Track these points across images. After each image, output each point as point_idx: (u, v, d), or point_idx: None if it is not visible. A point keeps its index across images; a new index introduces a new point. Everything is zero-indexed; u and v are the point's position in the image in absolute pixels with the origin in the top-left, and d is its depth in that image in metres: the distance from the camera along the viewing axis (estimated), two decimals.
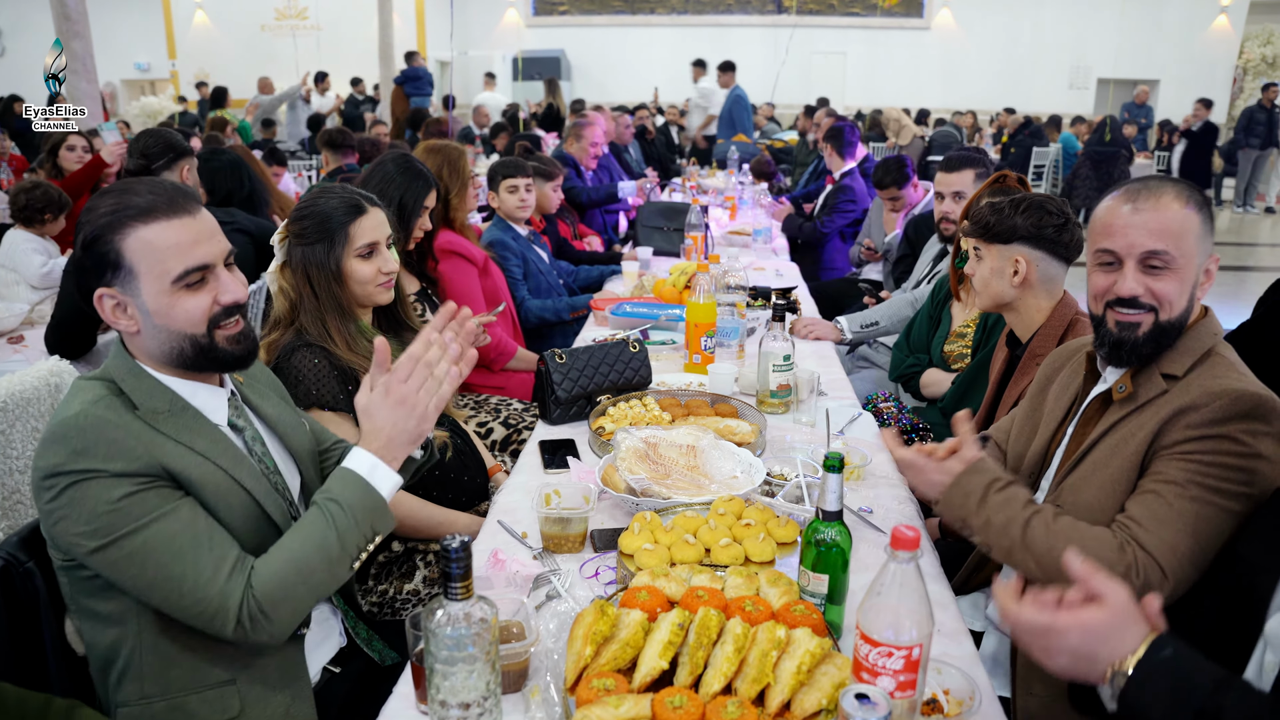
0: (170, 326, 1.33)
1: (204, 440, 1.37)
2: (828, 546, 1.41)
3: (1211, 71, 16.16)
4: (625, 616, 1.30)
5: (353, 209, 1.95)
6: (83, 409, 1.28)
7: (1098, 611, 1.09)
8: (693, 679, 1.22)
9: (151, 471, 1.27)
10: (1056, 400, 1.73)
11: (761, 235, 5.04)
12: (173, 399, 1.37)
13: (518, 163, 3.84)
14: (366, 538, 1.37)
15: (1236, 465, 1.36)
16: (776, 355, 2.39)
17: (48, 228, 3.75)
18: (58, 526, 1.26)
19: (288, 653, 1.47)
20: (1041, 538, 1.42)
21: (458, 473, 2.15)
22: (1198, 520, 1.36)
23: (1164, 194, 1.46)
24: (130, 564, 1.25)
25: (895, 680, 1.13)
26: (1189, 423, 1.41)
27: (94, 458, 1.24)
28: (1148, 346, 1.49)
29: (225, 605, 1.26)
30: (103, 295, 1.32)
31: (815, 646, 1.23)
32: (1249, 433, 1.37)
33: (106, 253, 1.30)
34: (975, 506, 1.49)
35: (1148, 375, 1.51)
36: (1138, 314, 1.48)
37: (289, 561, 1.31)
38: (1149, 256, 1.46)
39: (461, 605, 1.11)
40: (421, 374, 1.39)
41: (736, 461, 1.94)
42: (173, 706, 1.37)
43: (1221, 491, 1.36)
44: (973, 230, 2.27)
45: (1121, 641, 1.08)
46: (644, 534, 1.59)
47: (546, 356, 2.37)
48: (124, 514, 1.24)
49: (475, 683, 1.13)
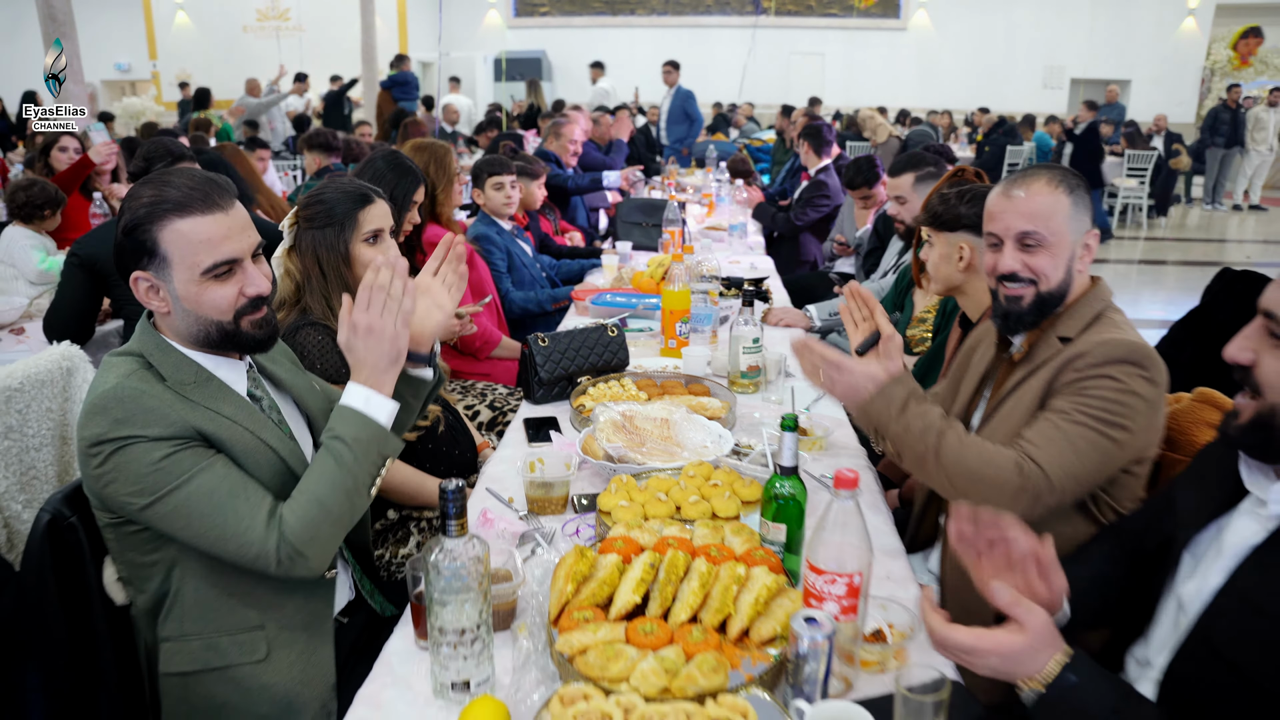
0: (198, 312, 1.46)
1: (229, 406, 1.50)
2: (785, 499, 1.57)
3: (1180, 72, 16.48)
4: (603, 559, 1.45)
5: (361, 198, 2.10)
6: (119, 382, 1.41)
7: (1016, 637, 1.20)
8: (662, 611, 1.38)
9: (186, 434, 1.41)
10: (975, 367, 1.94)
11: (737, 230, 5.21)
12: (198, 371, 1.50)
13: (503, 160, 3.99)
14: (376, 465, 1.50)
15: (1114, 399, 1.57)
16: (746, 338, 2.55)
17: (45, 224, 3.86)
18: (108, 489, 1.40)
19: (314, 602, 1.60)
20: (953, 448, 1.60)
21: (449, 446, 2.30)
22: (1081, 441, 1.56)
23: (1035, 181, 1.69)
24: (177, 516, 1.39)
25: (839, 605, 1.29)
26: (1076, 366, 1.63)
27: (133, 425, 1.37)
28: (1031, 315, 1.72)
29: (265, 549, 1.40)
30: (138, 278, 1.45)
31: (771, 582, 1.39)
32: (1126, 374, 1.58)
33: (144, 240, 1.42)
34: (896, 414, 1.67)
35: (1046, 339, 1.73)
36: (1020, 288, 1.71)
37: (311, 503, 1.44)
38: (1023, 236, 1.69)
39: (457, 542, 1.26)
40: (379, 299, 1.51)
41: (707, 433, 2.10)
42: (207, 645, 1.51)
43: (1101, 420, 1.57)
44: (924, 219, 2.45)
45: (1034, 663, 1.20)
46: (620, 493, 1.74)
47: (530, 340, 2.52)
48: (166, 473, 1.38)
49: (469, 611, 1.28)
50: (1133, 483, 1.68)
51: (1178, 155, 13.17)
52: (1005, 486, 1.57)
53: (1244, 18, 16.41)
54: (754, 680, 1.27)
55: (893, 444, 1.71)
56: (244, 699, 1.53)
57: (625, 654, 1.27)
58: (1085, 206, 1.72)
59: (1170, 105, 15.41)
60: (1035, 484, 1.55)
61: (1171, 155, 13.09)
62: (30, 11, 14.62)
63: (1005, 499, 1.57)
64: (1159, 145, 13.10)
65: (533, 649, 1.37)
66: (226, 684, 1.52)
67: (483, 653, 1.32)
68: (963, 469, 1.61)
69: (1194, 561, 1.33)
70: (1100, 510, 1.70)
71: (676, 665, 1.25)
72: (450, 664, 1.30)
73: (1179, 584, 1.35)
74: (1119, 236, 11.58)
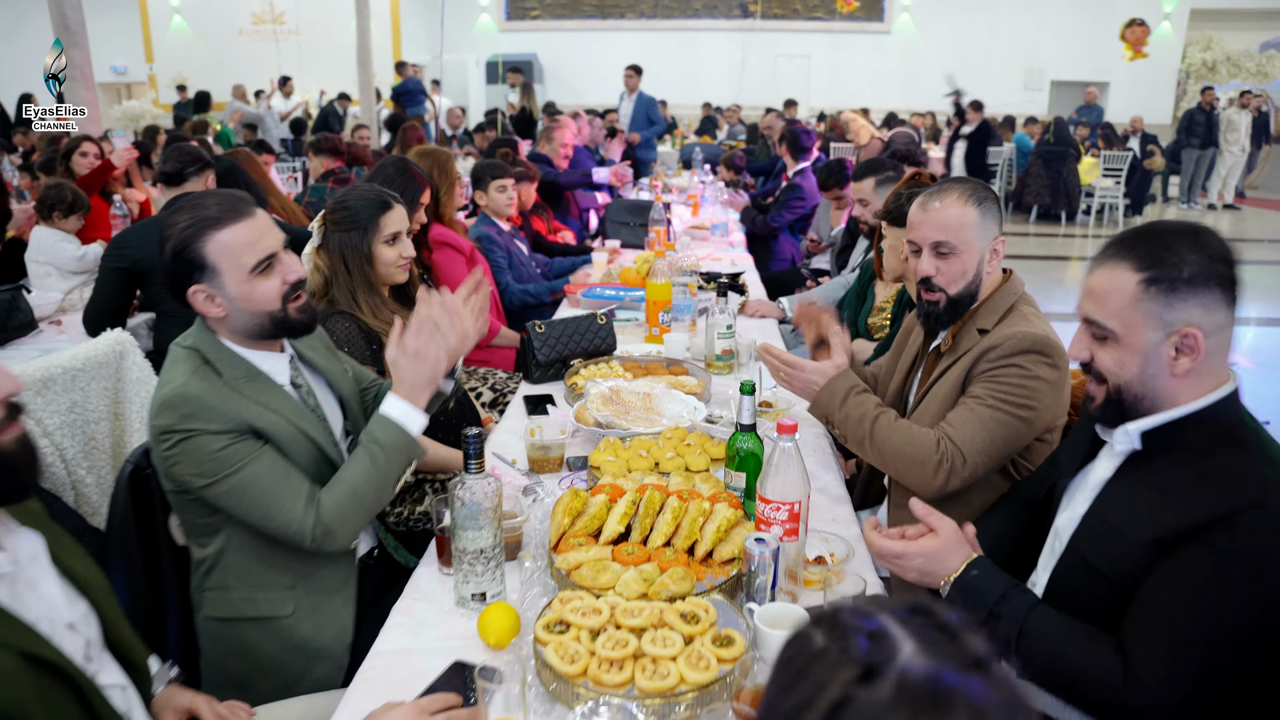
0: (252, 308, 1.72)
1: (275, 400, 1.77)
2: (745, 453, 1.88)
3: (1156, 75, 16.90)
4: (593, 499, 1.77)
5: (382, 204, 2.40)
6: (185, 381, 1.67)
7: (932, 541, 1.54)
8: (642, 538, 1.69)
9: (240, 428, 1.68)
10: (907, 354, 2.24)
11: (719, 230, 5.53)
12: (248, 368, 1.77)
13: (504, 165, 4.31)
14: (404, 466, 1.78)
15: (1021, 385, 1.88)
16: (721, 325, 2.87)
17: (69, 223, 4.14)
18: (174, 469, 1.68)
19: (339, 571, 1.86)
20: (884, 432, 1.92)
21: (458, 420, 2.60)
22: (991, 422, 1.88)
23: (949, 195, 1.97)
24: (230, 497, 1.67)
25: (783, 528, 1.61)
26: (989, 357, 1.93)
27: (197, 420, 1.65)
28: (946, 316, 2.02)
29: (302, 528, 1.68)
30: (195, 291, 1.69)
31: (731, 515, 1.70)
32: (1032, 362, 1.88)
33: (193, 258, 1.67)
34: (839, 405, 2.00)
35: (966, 330, 2.03)
36: (935, 294, 2.00)
37: (346, 493, 1.71)
38: (937, 245, 1.98)
39: (477, 478, 1.57)
40: (429, 329, 1.79)
41: (684, 405, 2.41)
42: (244, 598, 1.79)
43: (1009, 403, 1.88)
44: (880, 213, 2.78)
45: (949, 563, 1.54)
46: (608, 451, 2.06)
47: (528, 327, 2.83)
48: (222, 461, 1.65)
49: (485, 535, 1.59)
50: (1045, 448, 1.99)
51: (1152, 156, 13.56)
52: (926, 462, 1.89)
53: (1216, 23, 16.85)
54: (715, 589, 1.58)
55: (837, 429, 2.04)
56: (271, 645, 1.80)
57: (612, 568, 1.58)
58: (994, 217, 2.01)
59: (1147, 107, 15.82)
60: (952, 459, 1.87)
61: (1146, 156, 13.48)
62: (31, 12, 14.87)
63: (927, 473, 1.89)
64: (1135, 146, 13.49)
65: (536, 569, 1.69)
66: (258, 631, 1.80)
67: (496, 570, 1.63)
68: (892, 448, 1.93)
69: (1068, 499, 1.65)
70: (1019, 472, 2.02)
71: (653, 576, 1.56)
72: (470, 579, 1.61)
73: (1058, 519, 1.67)
74: (1096, 235, 11.95)
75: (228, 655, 1.79)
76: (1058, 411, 1.96)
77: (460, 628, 1.60)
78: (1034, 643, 1.42)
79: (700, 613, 1.44)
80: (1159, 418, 1.43)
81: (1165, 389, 1.41)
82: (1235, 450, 1.37)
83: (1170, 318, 1.37)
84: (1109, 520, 1.47)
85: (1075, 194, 12.41)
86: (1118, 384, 1.44)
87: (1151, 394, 1.42)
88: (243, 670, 1.78)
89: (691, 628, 1.40)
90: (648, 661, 1.34)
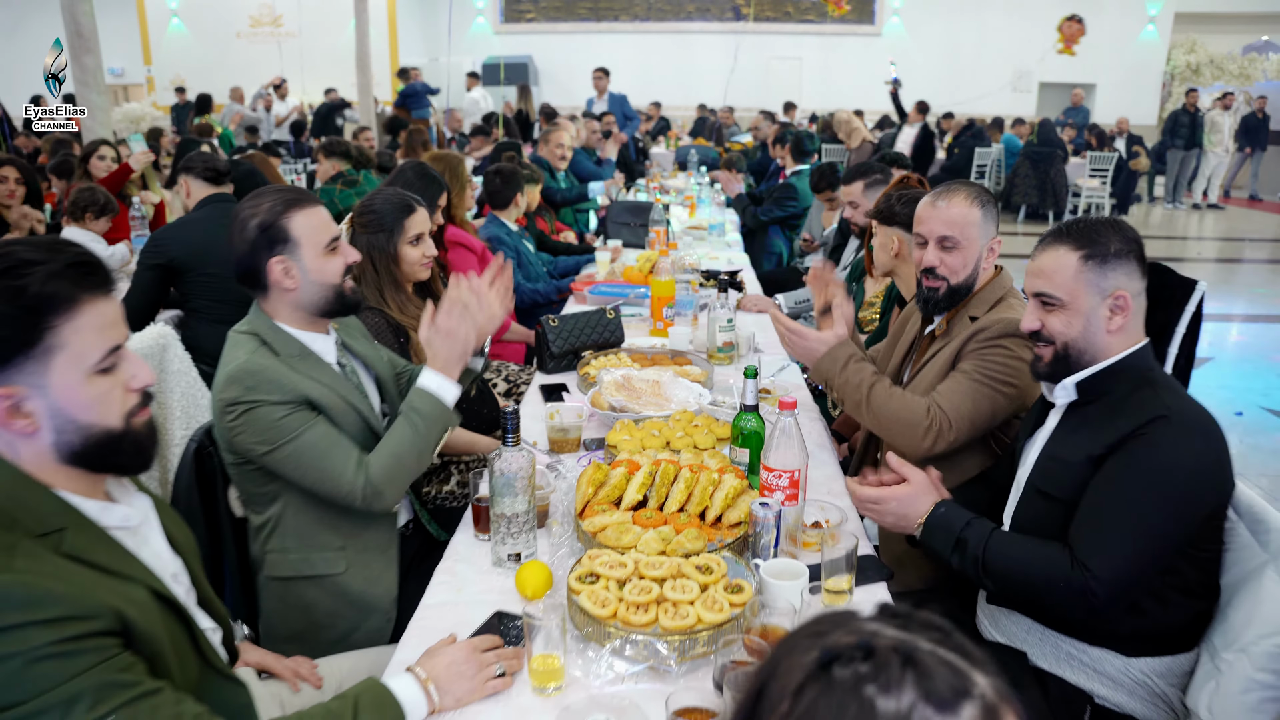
0: (322, 280, 1.94)
1: (325, 375, 1.97)
2: (749, 431, 2.09)
3: (1142, 77, 17.18)
4: (613, 471, 1.97)
5: (406, 208, 2.59)
6: (248, 358, 1.87)
7: (905, 488, 1.83)
8: (658, 505, 1.90)
9: (297, 399, 1.87)
10: (905, 335, 2.46)
11: (716, 230, 5.73)
12: (300, 347, 1.97)
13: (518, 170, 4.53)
14: (440, 433, 1.98)
15: (1004, 363, 2.10)
16: (721, 319, 3.07)
17: (99, 224, 4.33)
18: (238, 438, 1.87)
19: (383, 533, 2.06)
20: (880, 397, 2.14)
21: (479, 406, 2.81)
22: (976, 394, 2.10)
23: (956, 195, 2.20)
24: (289, 462, 1.86)
25: (785, 493, 1.82)
26: (978, 339, 2.15)
27: (259, 392, 1.84)
28: (945, 301, 2.24)
29: (353, 489, 1.87)
30: (274, 262, 1.90)
31: (738, 484, 1.91)
32: (1015, 344, 2.10)
33: (278, 233, 1.89)
34: (839, 370, 2.21)
35: (959, 318, 2.24)
36: (937, 282, 2.22)
37: (390, 456, 1.91)
38: (943, 239, 2.19)
39: (513, 450, 1.77)
40: (459, 311, 2.00)
41: (690, 391, 2.62)
42: (301, 558, 1.98)
43: (992, 378, 2.10)
44: (872, 213, 2.99)
45: (919, 507, 1.81)
46: (623, 431, 2.26)
47: (542, 321, 3.03)
48: (282, 429, 1.85)
49: (520, 501, 1.79)
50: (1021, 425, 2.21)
51: (1137, 156, 13.82)
52: (917, 425, 2.10)
53: (1200, 26, 17.13)
54: (724, 547, 1.78)
55: (837, 393, 2.25)
56: (326, 600, 2.00)
57: (633, 530, 1.78)
58: (993, 219, 2.24)
59: (1133, 109, 16.08)
60: (939, 424, 2.09)
61: (1132, 156, 13.75)
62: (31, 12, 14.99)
63: (917, 435, 2.11)
64: (1121, 147, 13.76)
65: (563, 534, 1.89)
66: (314, 588, 1.99)
67: (530, 533, 1.83)
68: (886, 412, 2.14)
69: (1025, 456, 1.91)
70: (998, 445, 2.23)
71: (670, 536, 1.76)
72: (506, 541, 1.81)
73: (1017, 474, 1.90)
74: None
75: (288, 611, 1.99)
76: (1035, 391, 2.17)
77: (498, 584, 1.80)
78: (996, 556, 1.71)
79: (713, 565, 1.64)
80: (1092, 369, 1.74)
81: (1101, 344, 1.73)
82: (1147, 388, 1.69)
83: (1105, 284, 1.71)
84: (1056, 455, 1.77)
85: (1063, 194, 12.67)
86: (1064, 341, 1.74)
87: (1091, 348, 1.73)
88: (302, 625, 1.98)
89: (706, 578, 1.60)
90: (669, 605, 1.54)
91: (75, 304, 1.17)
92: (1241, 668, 1.53)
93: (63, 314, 1.16)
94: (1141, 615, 1.68)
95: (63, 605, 1.09)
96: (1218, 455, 1.64)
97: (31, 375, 1.16)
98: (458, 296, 2.01)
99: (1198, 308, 3.16)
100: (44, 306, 1.15)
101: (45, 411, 1.18)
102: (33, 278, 1.14)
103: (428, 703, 1.40)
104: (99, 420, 1.22)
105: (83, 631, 1.10)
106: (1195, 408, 1.67)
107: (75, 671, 1.07)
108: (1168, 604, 1.68)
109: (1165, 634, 1.71)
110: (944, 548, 1.76)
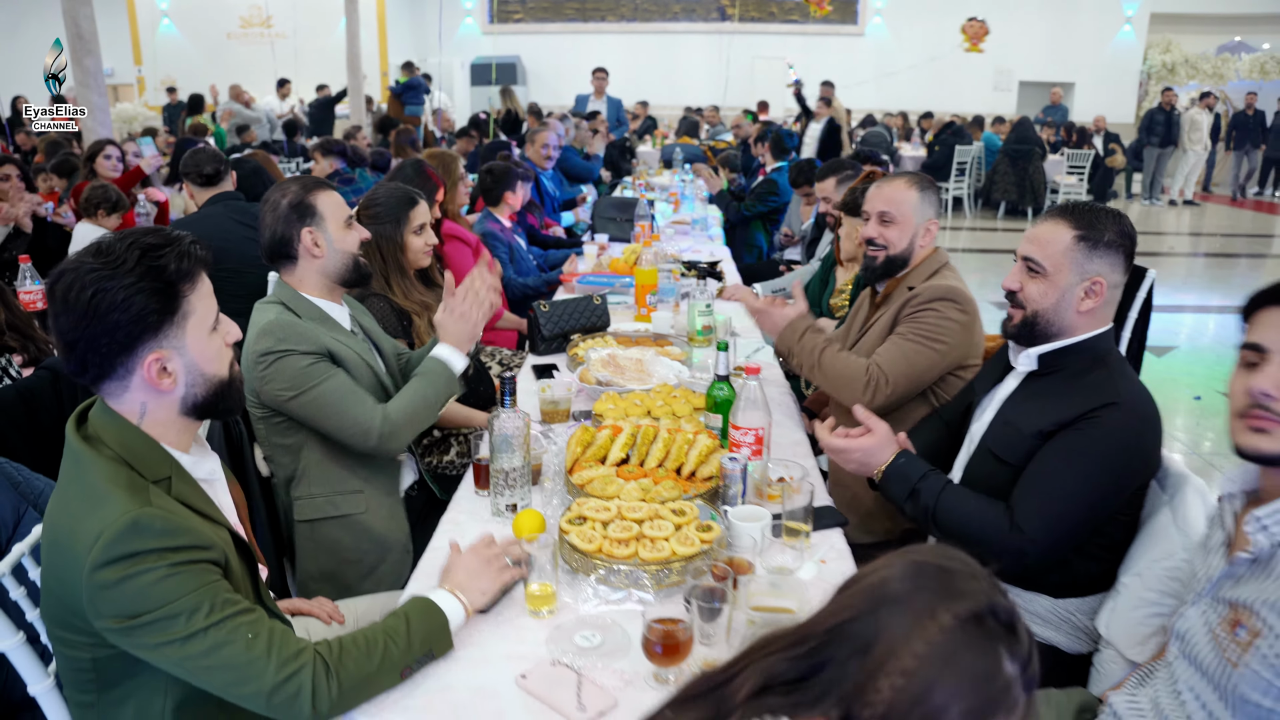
0: (345, 250, 2.24)
1: (343, 336, 2.24)
2: (721, 398, 2.32)
3: (1119, 76, 17.52)
4: (599, 433, 2.20)
5: (410, 200, 2.83)
6: (276, 316, 2.15)
7: (869, 439, 2.03)
8: (639, 461, 2.13)
9: (320, 351, 2.14)
10: (860, 315, 2.71)
11: (699, 224, 5.97)
12: (320, 313, 2.24)
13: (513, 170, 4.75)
14: (447, 394, 2.26)
15: (934, 323, 2.36)
16: (700, 305, 3.30)
17: (111, 221, 4.54)
18: (267, 387, 2.12)
19: (394, 479, 2.36)
20: (829, 359, 2.41)
21: (475, 384, 3.03)
22: (909, 352, 2.35)
23: (898, 179, 2.50)
24: (313, 406, 2.12)
25: (750, 449, 2.05)
26: (912, 304, 2.41)
27: (289, 342, 2.11)
28: (881, 270, 2.52)
29: (370, 430, 2.13)
30: (304, 233, 2.19)
31: (710, 443, 2.14)
32: (944, 307, 2.36)
33: (307, 207, 2.19)
34: (796, 340, 2.49)
35: (899, 288, 2.50)
36: (878, 251, 2.50)
37: (407, 405, 2.18)
38: (882, 214, 2.49)
39: (510, 412, 2.00)
40: (472, 298, 2.28)
41: (670, 368, 2.85)
42: (327, 500, 2.24)
43: (925, 338, 2.35)
44: (837, 204, 3.24)
45: (881, 456, 2.02)
46: (608, 401, 2.50)
47: (535, 306, 3.27)
48: (307, 375, 2.11)
49: (516, 456, 2.02)
50: (959, 382, 2.45)
51: (1113, 154, 14.13)
52: (857, 380, 2.37)
53: (1175, 26, 17.48)
54: (698, 497, 2.02)
55: (795, 359, 2.50)
56: (352, 538, 2.26)
57: (616, 482, 2.01)
58: (931, 203, 2.50)
59: (1111, 107, 16.40)
60: (876, 380, 2.35)
61: (1108, 154, 14.05)
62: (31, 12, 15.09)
63: (858, 390, 2.37)
64: (1098, 144, 14.06)
65: (554, 488, 2.12)
66: (341, 528, 2.26)
67: (525, 486, 2.06)
68: (834, 371, 2.42)
69: (980, 411, 2.12)
70: (937, 399, 2.48)
71: (649, 487, 1.99)
72: (504, 493, 2.04)
73: (972, 428, 2.13)
74: None
75: (319, 551, 2.25)
76: (965, 350, 2.41)
77: (497, 531, 2.02)
78: (945, 509, 1.92)
79: (687, 509, 1.88)
80: (1055, 344, 1.92)
81: (1069, 322, 1.90)
82: (1102, 370, 1.87)
83: (1088, 268, 1.86)
84: (1010, 421, 1.97)
85: (1041, 190, 12.95)
86: (1035, 310, 1.92)
87: (1058, 323, 1.91)
88: (333, 564, 2.25)
89: (680, 519, 1.83)
90: (647, 541, 1.78)
91: (196, 276, 1.42)
92: (1135, 588, 1.77)
93: (190, 285, 1.41)
94: (1067, 568, 1.92)
95: (188, 535, 1.34)
96: (1156, 439, 1.83)
97: (174, 339, 1.40)
98: (470, 287, 2.28)
99: (1148, 294, 3.43)
100: (180, 279, 1.39)
101: (182, 368, 1.43)
102: (168, 257, 1.38)
103: (463, 608, 1.63)
104: (217, 371, 1.48)
105: (202, 558, 1.35)
106: (1142, 394, 1.84)
107: (197, 585, 1.32)
108: (1092, 558, 1.91)
109: (1088, 579, 1.94)
110: (899, 495, 1.99)
